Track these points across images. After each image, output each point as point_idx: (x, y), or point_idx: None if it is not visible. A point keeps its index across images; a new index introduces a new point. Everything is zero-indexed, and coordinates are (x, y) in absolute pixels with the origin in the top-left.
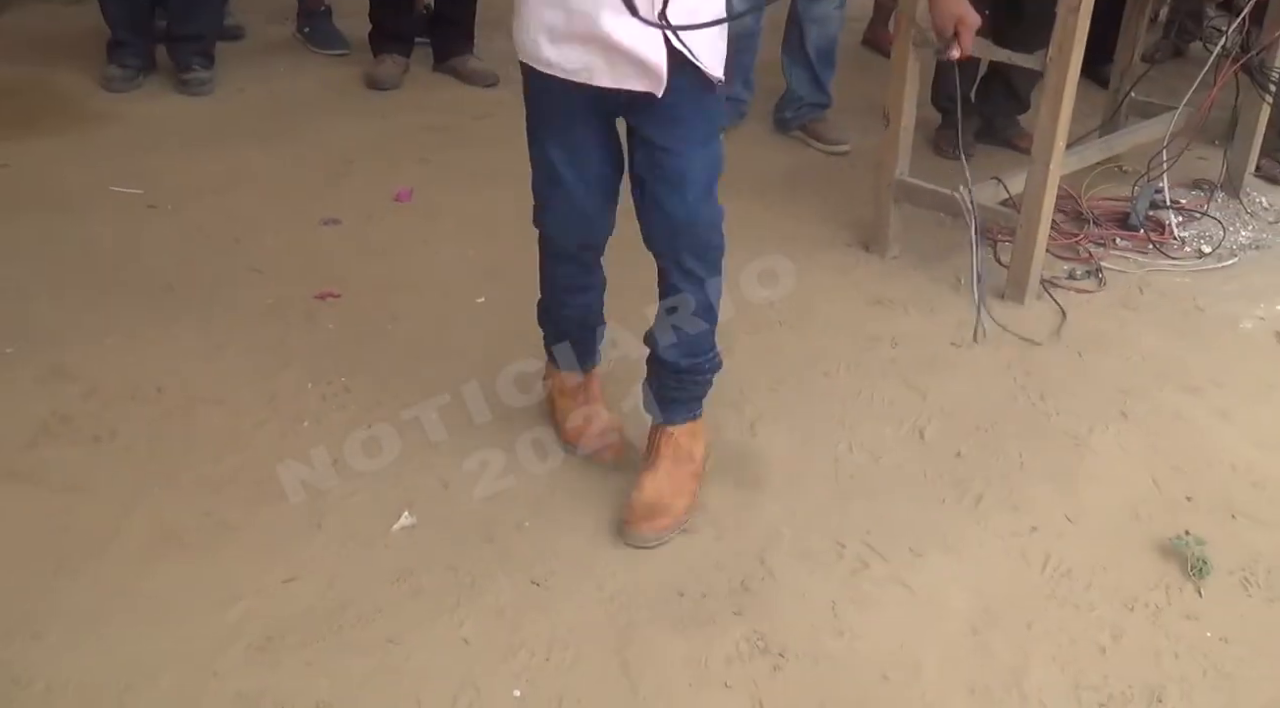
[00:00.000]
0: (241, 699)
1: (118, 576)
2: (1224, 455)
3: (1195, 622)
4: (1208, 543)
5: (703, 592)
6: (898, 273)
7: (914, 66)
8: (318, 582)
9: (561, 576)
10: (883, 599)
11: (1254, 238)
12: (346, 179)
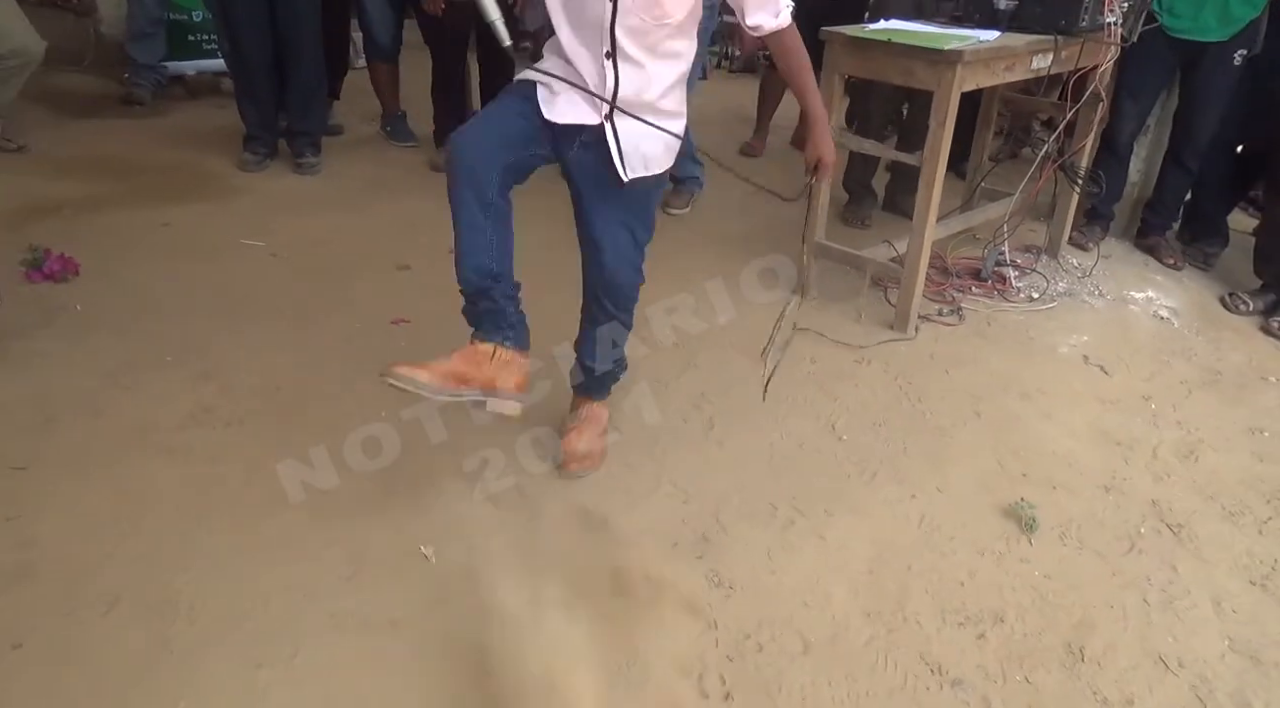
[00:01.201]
0: (332, 618)
1: (242, 525)
2: (1048, 444)
3: (1027, 565)
4: (1037, 507)
5: (673, 541)
6: (816, 309)
7: None
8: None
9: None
10: (804, 547)
11: (1069, 288)
12: (415, 237)
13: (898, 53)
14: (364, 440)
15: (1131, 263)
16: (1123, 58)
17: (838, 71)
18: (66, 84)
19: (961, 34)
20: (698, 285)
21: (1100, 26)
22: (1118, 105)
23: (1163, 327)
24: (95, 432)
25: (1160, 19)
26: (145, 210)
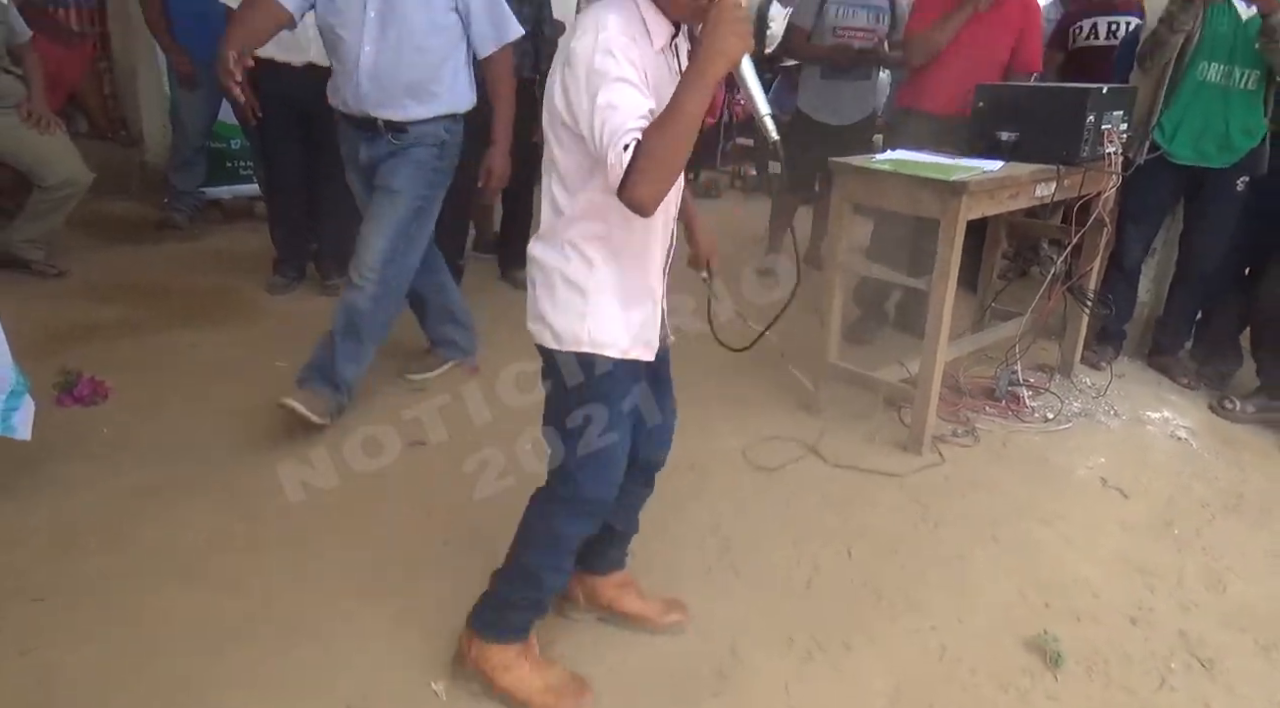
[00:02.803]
0: None
1: (257, 659)
2: (1070, 572)
3: (1055, 702)
4: (1061, 639)
5: (688, 675)
6: (829, 430)
7: (841, 285)
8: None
9: (575, 660)
10: (823, 681)
11: (1083, 408)
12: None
13: (905, 183)
14: (375, 567)
15: (1145, 382)
16: (1127, 182)
17: (848, 200)
18: (108, 209)
19: (966, 164)
20: (707, 404)
21: (1101, 156)
22: (1123, 229)
23: (1181, 448)
24: (115, 559)
25: (1162, 147)
26: (177, 333)
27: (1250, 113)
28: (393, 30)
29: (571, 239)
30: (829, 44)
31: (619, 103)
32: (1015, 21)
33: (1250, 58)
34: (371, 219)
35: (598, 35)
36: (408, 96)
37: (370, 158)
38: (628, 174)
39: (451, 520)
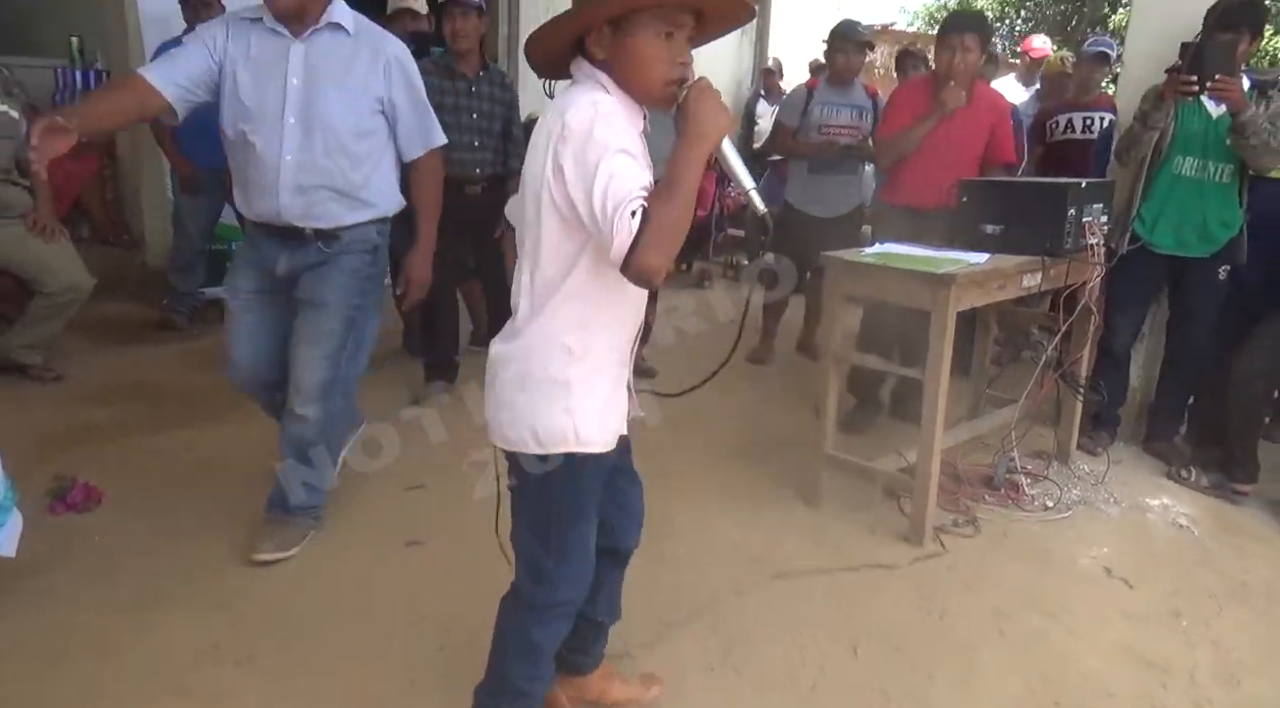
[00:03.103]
0: None
1: None
2: (1077, 666)
3: None
4: None
5: None
6: (829, 521)
7: (836, 376)
8: None
9: None
10: None
11: (1083, 496)
12: (428, 454)
13: (895, 275)
14: (369, 679)
15: (1143, 468)
16: (1112, 271)
17: (839, 292)
18: (107, 311)
19: (953, 257)
20: (704, 495)
21: (1084, 247)
22: (1110, 316)
23: (1182, 535)
24: (102, 673)
25: (1143, 237)
26: (174, 434)
27: (1226, 205)
28: (317, 137)
29: (553, 331)
30: (815, 141)
31: (622, 172)
32: (985, 118)
33: (1223, 153)
34: (305, 341)
35: (595, 108)
36: (338, 204)
37: (292, 268)
38: (636, 242)
39: (448, 625)
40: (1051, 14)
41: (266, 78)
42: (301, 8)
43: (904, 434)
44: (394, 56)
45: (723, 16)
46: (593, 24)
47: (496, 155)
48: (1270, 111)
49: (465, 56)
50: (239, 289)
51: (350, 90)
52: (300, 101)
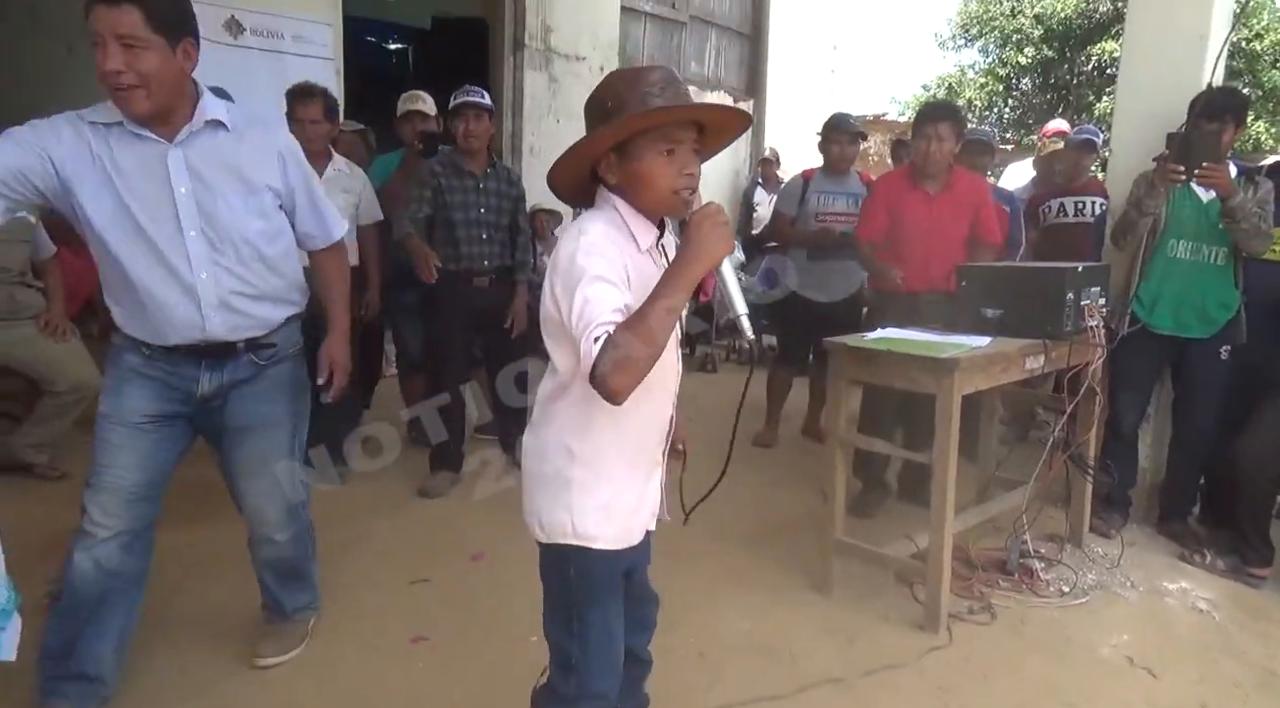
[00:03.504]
0: None
1: None
2: None
3: None
4: None
5: None
6: (841, 610)
7: (843, 460)
8: None
9: None
10: None
11: (1099, 580)
12: (433, 545)
13: (898, 361)
14: None
15: (1158, 550)
16: (1114, 352)
17: (843, 377)
18: None
19: (955, 341)
20: (713, 582)
21: (1084, 329)
22: (1115, 397)
23: (1204, 620)
24: None
25: (1142, 319)
26: (176, 532)
27: (1223, 287)
28: (228, 248)
29: (557, 430)
30: (813, 229)
31: (594, 298)
32: (967, 200)
33: (1216, 236)
34: (256, 472)
35: (579, 239)
36: (265, 306)
37: (219, 386)
38: (596, 364)
39: None
40: (1038, 102)
41: (146, 191)
42: (166, 110)
43: (913, 517)
44: (284, 147)
45: (723, 127)
46: (599, 153)
47: (504, 249)
48: (1258, 196)
49: (475, 155)
50: (133, 412)
51: (249, 191)
52: (196, 212)
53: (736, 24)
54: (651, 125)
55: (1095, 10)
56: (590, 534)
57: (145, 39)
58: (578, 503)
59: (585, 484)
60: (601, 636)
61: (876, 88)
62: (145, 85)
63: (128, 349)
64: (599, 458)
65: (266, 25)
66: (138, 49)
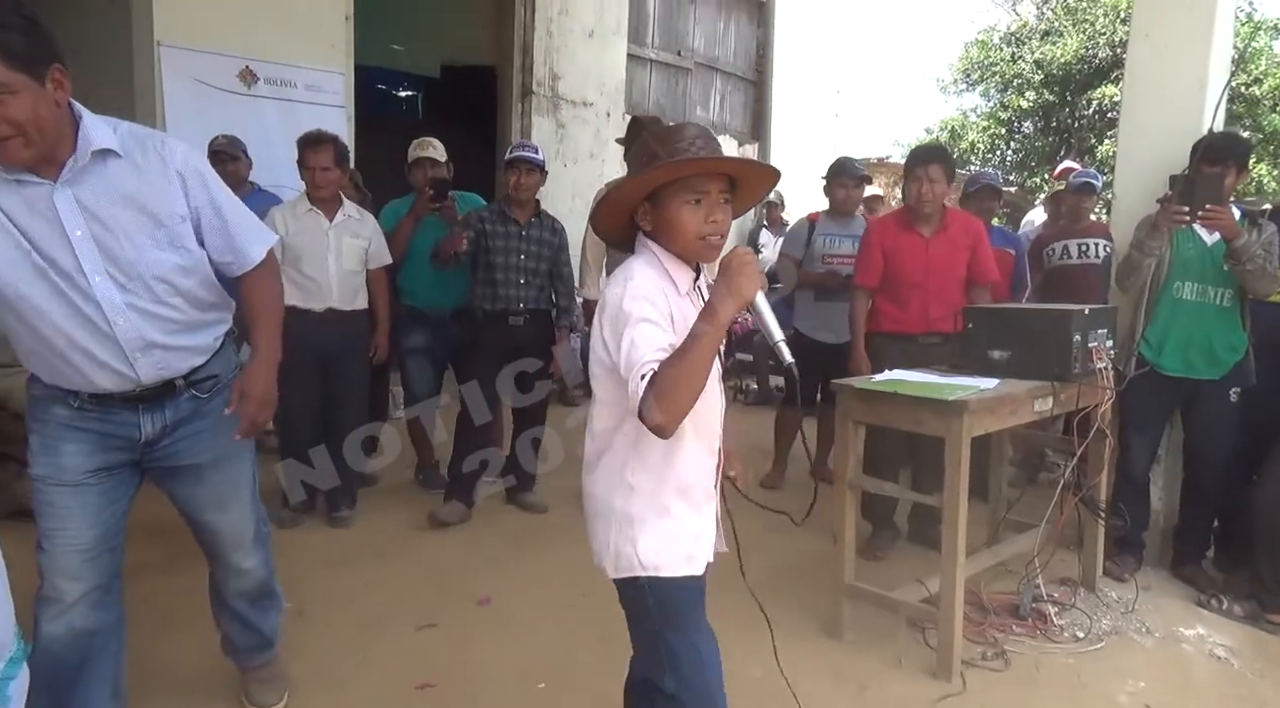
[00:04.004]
0: None
1: None
2: None
3: None
4: None
5: None
6: (852, 656)
7: (852, 502)
8: None
9: None
10: None
11: (1114, 625)
12: (442, 590)
13: (906, 403)
14: None
15: (1173, 594)
16: (1123, 394)
17: (851, 419)
18: None
19: (962, 383)
20: (722, 625)
21: (1093, 371)
22: (1125, 439)
23: (1222, 668)
24: None
25: (1150, 361)
26: (180, 576)
27: (1230, 329)
28: (139, 288)
29: (614, 468)
30: (819, 271)
31: (640, 340)
32: (962, 241)
33: (1221, 278)
34: (219, 507)
35: (626, 284)
36: (195, 334)
37: (162, 427)
38: (644, 400)
39: None
40: (1041, 146)
41: (37, 238)
42: (46, 154)
43: (924, 560)
44: (182, 165)
45: (751, 180)
46: (634, 202)
47: (541, 292)
48: (1263, 239)
49: (524, 205)
50: (74, 470)
51: (155, 224)
52: (98, 255)
53: (741, 70)
54: (677, 176)
55: (1095, 56)
56: (656, 563)
57: (8, 82)
58: (641, 536)
59: (646, 518)
60: (692, 661)
61: (879, 131)
62: (22, 133)
63: (54, 401)
64: (657, 491)
65: (280, 75)
66: (3, 96)
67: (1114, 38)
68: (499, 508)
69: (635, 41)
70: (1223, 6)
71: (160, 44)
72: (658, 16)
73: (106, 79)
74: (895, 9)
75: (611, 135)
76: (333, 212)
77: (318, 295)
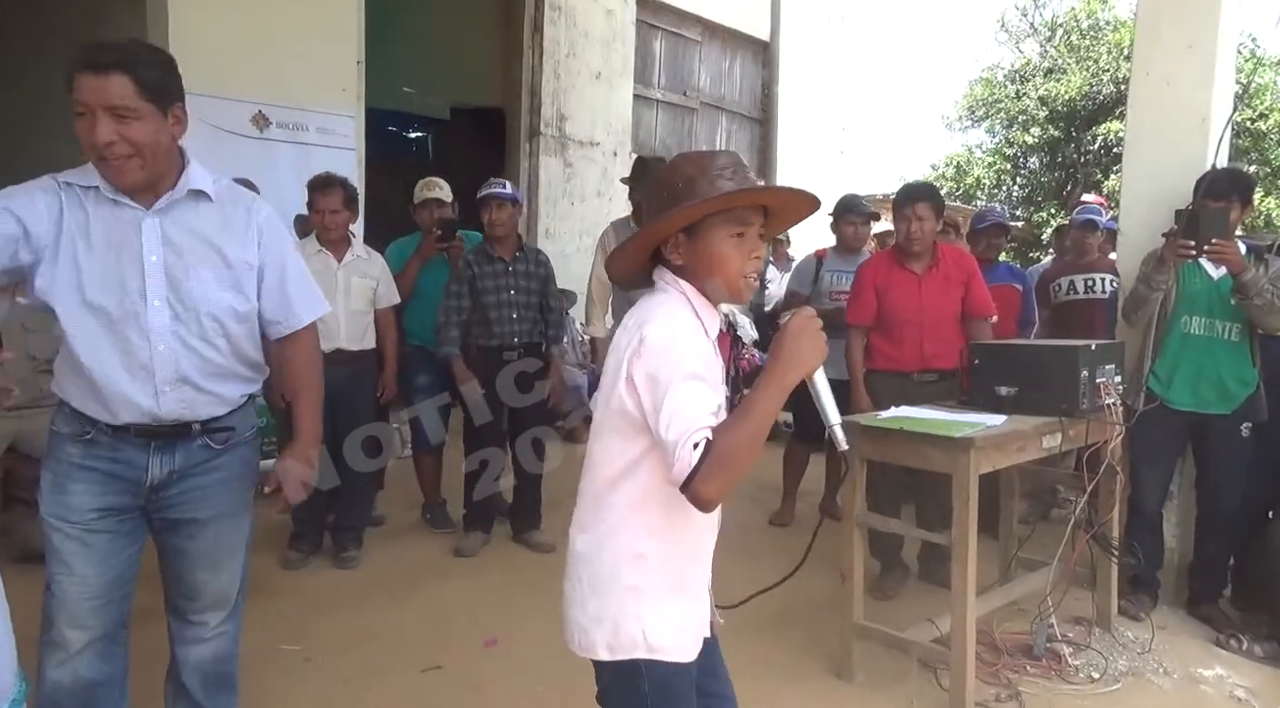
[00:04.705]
0: None
1: None
2: None
3: None
4: None
5: None
6: (864, 699)
7: (861, 540)
8: None
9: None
10: None
11: (1130, 666)
12: (448, 631)
13: (913, 440)
14: None
15: (1190, 633)
16: (1133, 429)
17: (857, 456)
18: None
19: (970, 420)
20: (731, 670)
21: (1101, 407)
22: (1137, 475)
23: None
24: None
25: (1159, 395)
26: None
27: (1240, 363)
28: (192, 321)
29: (622, 534)
30: (826, 307)
31: (691, 399)
32: (956, 276)
33: (1229, 312)
34: (221, 566)
35: (671, 329)
36: (224, 383)
37: (170, 472)
38: (696, 471)
39: None
40: (1046, 181)
41: (115, 258)
42: (157, 179)
43: (935, 598)
44: (264, 222)
45: (790, 210)
46: (670, 234)
47: (535, 325)
48: (1271, 273)
49: (502, 241)
50: (80, 509)
51: (225, 265)
52: (164, 282)
53: (746, 109)
54: (725, 207)
55: (1099, 93)
56: (665, 645)
57: (137, 108)
58: (650, 613)
59: (657, 592)
60: None
61: (886, 167)
62: (140, 155)
63: (68, 439)
64: (673, 564)
65: (292, 119)
66: (130, 119)
67: (1117, 74)
68: (506, 547)
69: (641, 82)
70: (1224, 44)
71: None
72: (663, 58)
73: None
74: (899, 47)
75: (618, 174)
76: (341, 252)
77: (326, 336)
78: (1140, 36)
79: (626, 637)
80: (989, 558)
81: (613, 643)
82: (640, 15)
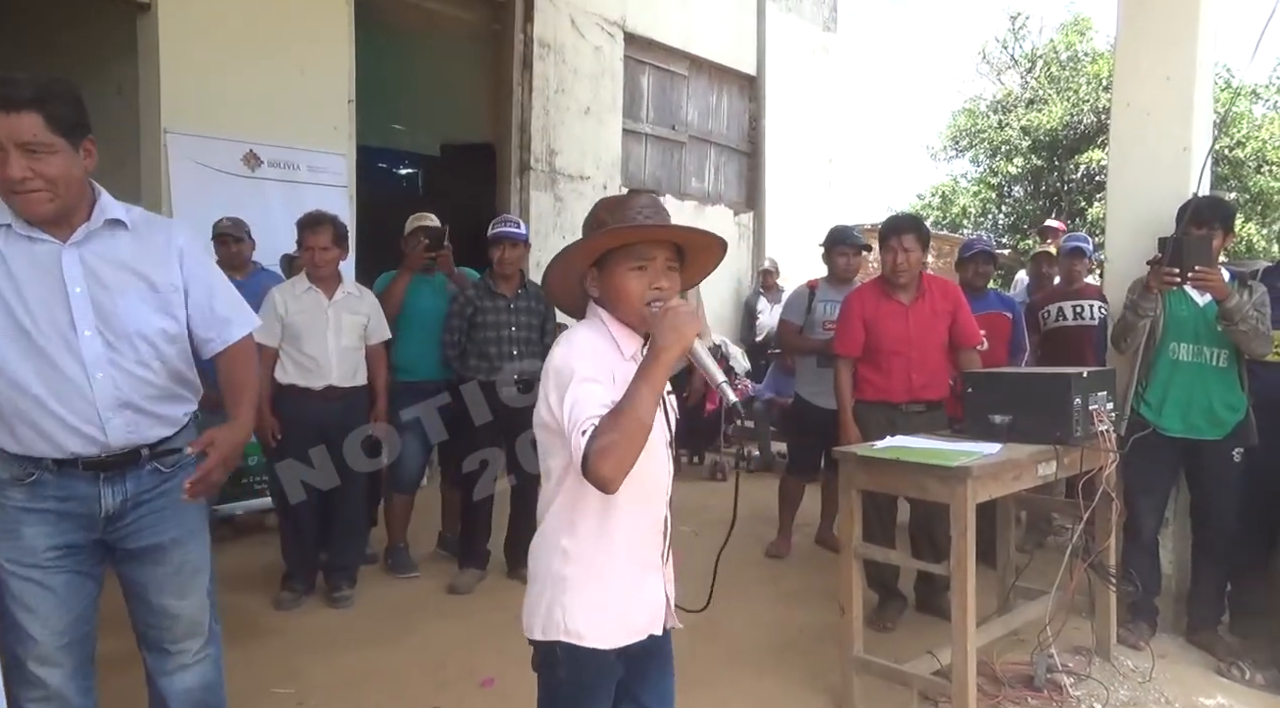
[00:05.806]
0: None
1: None
2: None
3: None
4: None
5: None
6: None
7: (858, 571)
8: None
9: None
10: None
11: (1131, 696)
12: (444, 670)
13: (909, 470)
14: None
15: (1191, 662)
16: (1127, 456)
17: (853, 486)
18: None
19: (965, 449)
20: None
21: (1094, 435)
22: (1132, 501)
23: None
24: None
25: (1151, 422)
26: None
27: (1229, 389)
28: (125, 347)
29: (551, 531)
30: (820, 337)
31: (581, 397)
32: (942, 306)
33: (1215, 338)
34: (188, 590)
35: (569, 348)
36: (166, 404)
37: (123, 501)
38: (586, 455)
39: None
40: (1031, 209)
41: (36, 293)
42: (68, 211)
43: (934, 629)
44: (184, 245)
45: (699, 248)
46: (581, 269)
47: (534, 360)
48: (1254, 299)
49: (508, 279)
50: (35, 551)
51: (152, 290)
52: (91, 312)
53: (734, 142)
54: (621, 242)
55: (1080, 122)
56: (580, 631)
57: (49, 142)
58: (570, 601)
59: (577, 582)
60: None
61: (872, 197)
62: (51, 188)
63: (9, 484)
64: (589, 555)
65: (283, 158)
66: (42, 153)
67: (1097, 104)
68: (501, 584)
69: (630, 117)
70: (1202, 75)
71: (167, 131)
72: (651, 93)
73: (113, 164)
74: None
75: None
76: (332, 289)
77: (318, 374)
78: (1120, 69)
79: (551, 621)
80: (987, 588)
81: (545, 625)
82: (628, 51)
